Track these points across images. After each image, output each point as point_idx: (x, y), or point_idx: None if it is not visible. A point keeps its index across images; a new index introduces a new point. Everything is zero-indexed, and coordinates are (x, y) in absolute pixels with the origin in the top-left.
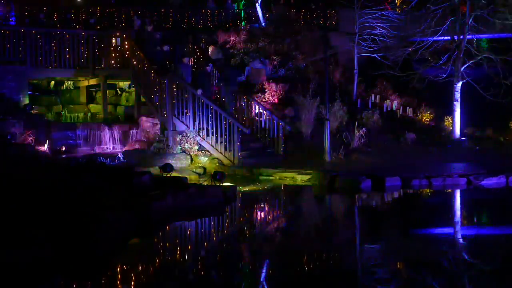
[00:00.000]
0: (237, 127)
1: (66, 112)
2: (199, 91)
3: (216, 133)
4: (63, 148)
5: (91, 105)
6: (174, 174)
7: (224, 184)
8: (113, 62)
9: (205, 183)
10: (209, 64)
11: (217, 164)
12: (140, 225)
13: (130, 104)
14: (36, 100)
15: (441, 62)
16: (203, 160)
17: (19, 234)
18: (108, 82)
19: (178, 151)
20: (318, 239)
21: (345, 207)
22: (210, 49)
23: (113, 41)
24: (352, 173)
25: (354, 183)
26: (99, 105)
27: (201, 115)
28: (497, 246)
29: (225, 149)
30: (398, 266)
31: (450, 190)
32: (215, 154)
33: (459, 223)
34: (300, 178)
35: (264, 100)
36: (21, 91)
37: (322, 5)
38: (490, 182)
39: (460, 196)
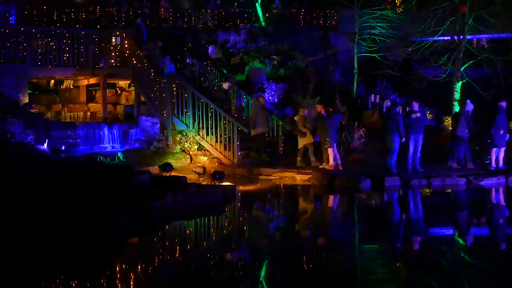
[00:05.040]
0: (236, 126)
1: (66, 111)
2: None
3: (216, 132)
4: (63, 147)
5: (90, 104)
6: (173, 173)
7: (224, 183)
8: (113, 61)
9: (204, 183)
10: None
11: (217, 164)
12: (139, 224)
13: (129, 104)
14: (35, 99)
15: (441, 62)
16: (203, 159)
17: (19, 233)
18: (108, 81)
19: (178, 151)
20: (317, 238)
21: (344, 207)
22: (210, 48)
23: (113, 40)
24: (351, 173)
25: (354, 183)
26: (98, 104)
27: (200, 114)
28: (496, 246)
29: (225, 149)
30: (397, 266)
31: (449, 190)
32: (215, 153)
33: (458, 223)
34: (300, 178)
35: (264, 99)
36: (20, 89)
37: (322, 5)
38: (489, 182)
39: (460, 196)
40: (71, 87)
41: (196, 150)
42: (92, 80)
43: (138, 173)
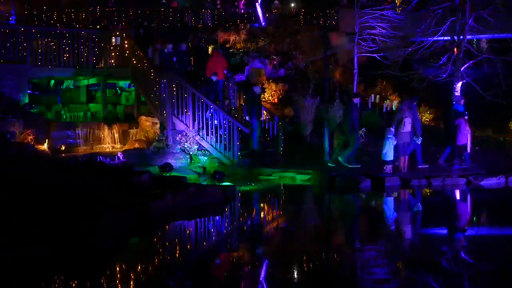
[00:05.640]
0: (236, 126)
1: (66, 111)
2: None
3: (216, 132)
4: (63, 147)
5: (90, 104)
6: (173, 173)
7: (224, 183)
8: (113, 61)
9: (204, 183)
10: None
11: (217, 164)
12: (139, 225)
13: (129, 104)
14: (35, 99)
15: (441, 62)
16: (203, 159)
17: (19, 233)
18: (108, 81)
19: (178, 151)
20: (317, 239)
21: (344, 207)
22: (210, 48)
23: (113, 40)
24: (351, 173)
25: (354, 183)
26: (98, 104)
27: (200, 114)
28: (496, 246)
29: (225, 149)
30: (397, 266)
31: (449, 190)
32: (215, 153)
33: (458, 223)
34: (300, 178)
35: (264, 100)
36: (20, 90)
37: (322, 5)
38: (489, 182)
39: (460, 197)
40: (71, 87)
41: (196, 150)
42: (92, 80)
43: (138, 173)
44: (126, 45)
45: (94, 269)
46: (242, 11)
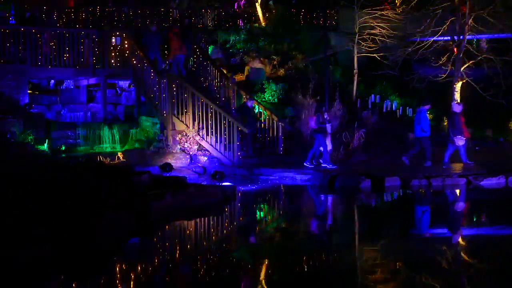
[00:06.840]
0: (236, 126)
1: (66, 111)
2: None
3: (216, 132)
4: (63, 148)
5: (90, 104)
6: (173, 173)
7: (224, 183)
8: (113, 61)
9: (204, 183)
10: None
11: (217, 164)
12: (139, 224)
13: (129, 104)
14: (35, 99)
15: (441, 62)
16: (203, 159)
17: (19, 233)
18: (107, 81)
19: (178, 151)
20: (317, 239)
21: (344, 207)
22: (210, 49)
23: (113, 40)
24: (351, 173)
25: (354, 183)
26: (98, 104)
27: (200, 114)
28: (496, 246)
29: (225, 149)
30: (397, 266)
31: (449, 190)
32: (215, 153)
33: (458, 224)
34: (300, 178)
35: (264, 99)
36: (20, 90)
37: (322, 5)
38: (489, 182)
39: (460, 197)
40: (71, 87)
41: (196, 150)
42: (92, 80)
43: (138, 173)
44: (126, 45)
45: (94, 269)
46: (238, 10)
